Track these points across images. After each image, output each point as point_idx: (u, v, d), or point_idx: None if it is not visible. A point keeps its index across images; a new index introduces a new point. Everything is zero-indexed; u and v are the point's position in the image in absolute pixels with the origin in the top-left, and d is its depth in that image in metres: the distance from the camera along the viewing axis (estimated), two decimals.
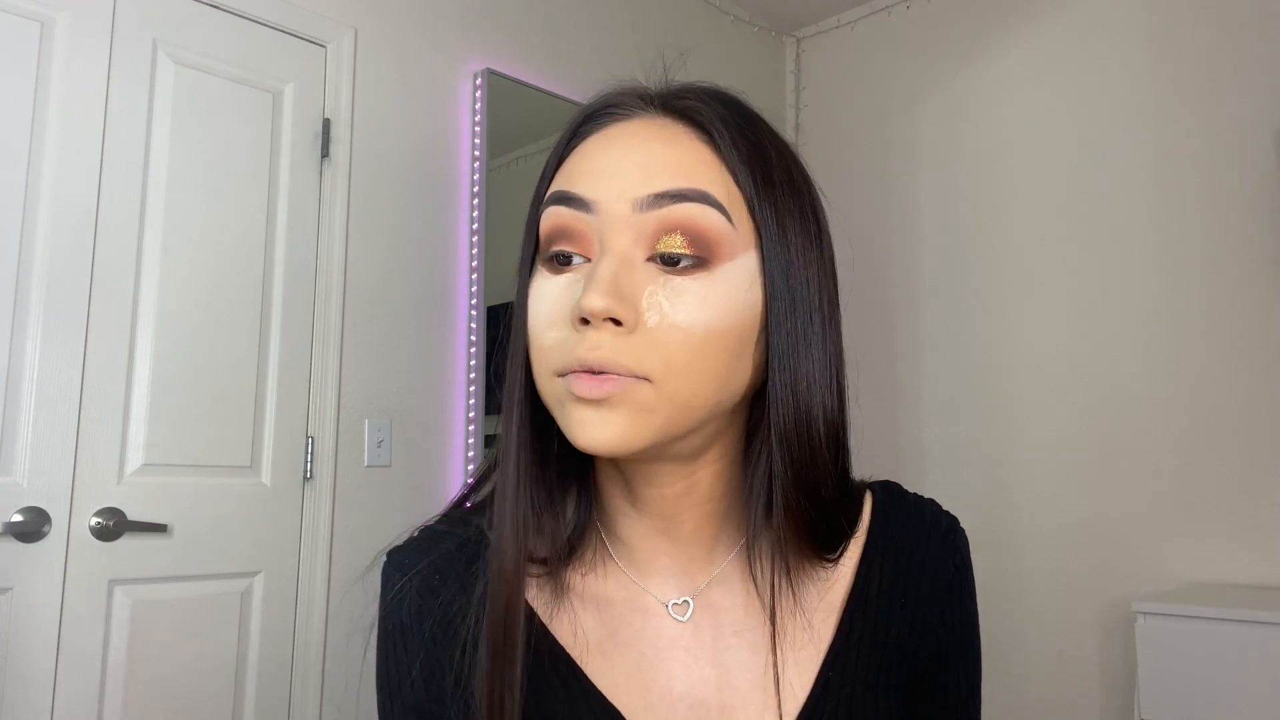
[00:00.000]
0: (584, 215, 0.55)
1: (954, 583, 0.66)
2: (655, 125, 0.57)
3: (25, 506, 1.77)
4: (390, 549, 0.65)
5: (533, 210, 0.60)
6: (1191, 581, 2.38)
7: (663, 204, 0.54)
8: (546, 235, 0.57)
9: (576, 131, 0.60)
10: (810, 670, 0.60)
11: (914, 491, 0.69)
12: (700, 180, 0.55)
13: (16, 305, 1.79)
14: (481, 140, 2.47)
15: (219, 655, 1.99)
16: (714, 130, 0.56)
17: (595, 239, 0.55)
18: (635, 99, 0.59)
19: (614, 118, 0.59)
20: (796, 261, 0.56)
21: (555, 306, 0.56)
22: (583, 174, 0.57)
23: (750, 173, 0.56)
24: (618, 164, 0.56)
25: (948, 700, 0.65)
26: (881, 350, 3.05)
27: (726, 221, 0.54)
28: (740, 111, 0.59)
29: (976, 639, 0.68)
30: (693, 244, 0.54)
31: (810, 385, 0.56)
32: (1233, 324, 2.39)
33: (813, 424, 0.56)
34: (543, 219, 0.58)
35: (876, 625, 0.62)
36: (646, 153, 0.56)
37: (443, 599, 0.61)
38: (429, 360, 2.37)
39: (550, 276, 0.57)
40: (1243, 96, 2.42)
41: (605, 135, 0.58)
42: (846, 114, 3.26)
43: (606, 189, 0.55)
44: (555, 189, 0.58)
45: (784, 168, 0.58)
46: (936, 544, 0.66)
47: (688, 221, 0.54)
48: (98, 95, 1.92)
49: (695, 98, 0.58)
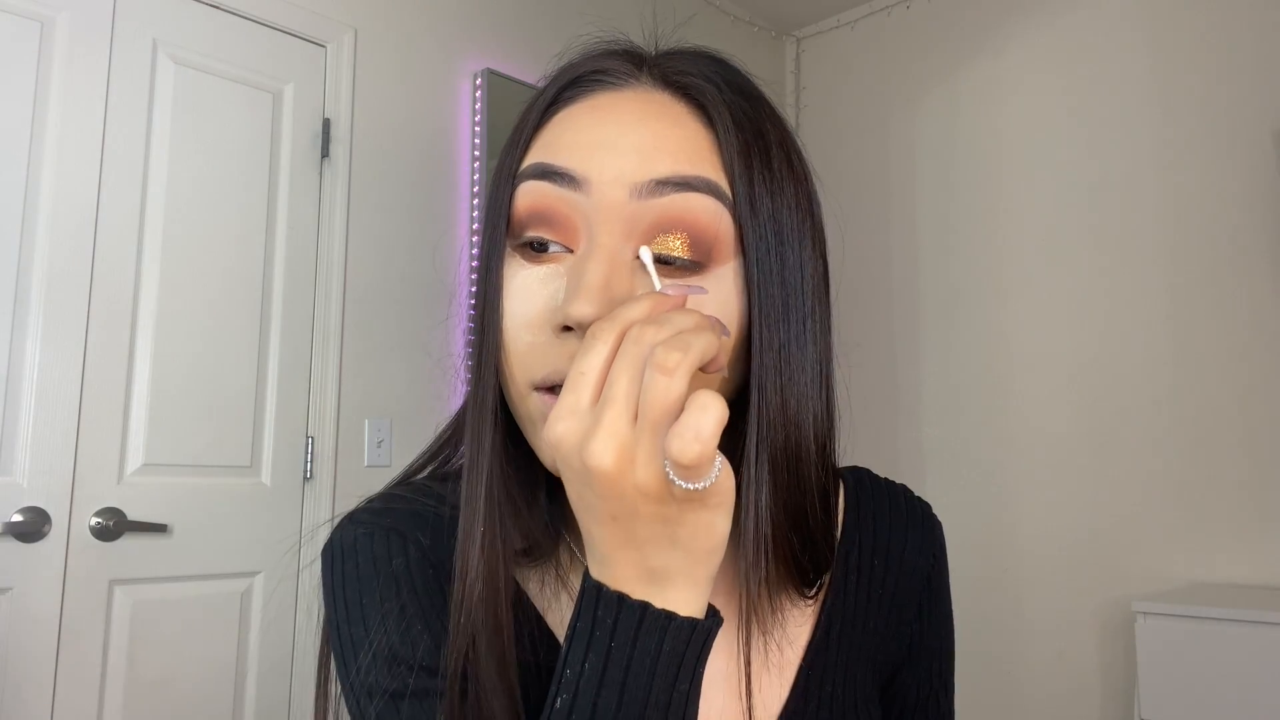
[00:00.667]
0: (571, 195, 0.50)
1: (932, 574, 0.65)
2: (654, 101, 0.52)
3: (25, 506, 1.77)
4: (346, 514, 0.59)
5: (499, 183, 0.53)
6: (1191, 581, 2.38)
7: (664, 192, 0.49)
8: (522, 215, 0.51)
9: (559, 96, 0.53)
10: (789, 669, 0.58)
11: (885, 477, 0.67)
12: (706, 168, 0.50)
13: (16, 305, 1.80)
14: (481, 140, 2.47)
15: (219, 655, 1.99)
16: (716, 114, 0.51)
17: (581, 226, 0.50)
18: (628, 65, 0.53)
19: (604, 85, 0.53)
20: (791, 263, 0.51)
21: (531, 305, 0.50)
22: (569, 146, 0.50)
23: (747, 166, 0.51)
24: (614, 140, 0.50)
25: (920, 694, 0.64)
26: (881, 350, 3.05)
27: (729, 218, 0.50)
28: (745, 92, 0.54)
29: (951, 631, 0.67)
30: (693, 248, 0.49)
31: (801, 401, 0.51)
32: (1232, 323, 2.39)
33: (803, 444, 0.51)
34: (518, 195, 0.51)
35: (855, 619, 0.60)
36: (646, 132, 0.50)
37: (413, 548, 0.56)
38: (429, 360, 2.37)
39: (525, 266, 0.51)
40: (1243, 96, 2.42)
41: (594, 105, 0.52)
42: (846, 114, 3.26)
43: (600, 167, 0.49)
44: (535, 161, 0.51)
45: (783, 157, 0.53)
46: (915, 534, 0.65)
47: (689, 218, 0.49)
48: (98, 95, 1.92)
49: (698, 73, 0.53)
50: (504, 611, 0.50)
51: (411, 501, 0.58)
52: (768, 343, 0.50)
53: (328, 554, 0.57)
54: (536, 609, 0.56)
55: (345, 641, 0.54)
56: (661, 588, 0.44)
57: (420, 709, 0.51)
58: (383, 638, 0.53)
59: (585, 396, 0.43)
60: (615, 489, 0.42)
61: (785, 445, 0.50)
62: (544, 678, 0.53)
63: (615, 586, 0.44)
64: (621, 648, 0.44)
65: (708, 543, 0.44)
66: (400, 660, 0.52)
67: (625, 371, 0.42)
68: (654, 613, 0.44)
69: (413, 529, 0.56)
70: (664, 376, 0.40)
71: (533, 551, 0.54)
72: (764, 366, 0.50)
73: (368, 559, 0.55)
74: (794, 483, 0.51)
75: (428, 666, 0.52)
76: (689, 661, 0.45)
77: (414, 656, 0.52)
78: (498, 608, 0.50)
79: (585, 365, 0.43)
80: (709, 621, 0.46)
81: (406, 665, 0.52)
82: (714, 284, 0.50)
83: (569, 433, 0.42)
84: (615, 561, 0.44)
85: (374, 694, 0.52)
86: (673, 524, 0.43)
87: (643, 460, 0.41)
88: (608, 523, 0.43)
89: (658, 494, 0.42)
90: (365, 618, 0.54)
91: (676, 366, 0.40)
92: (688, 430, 0.40)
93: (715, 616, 0.46)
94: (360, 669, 0.53)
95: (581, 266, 0.48)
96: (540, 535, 0.54)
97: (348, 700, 0.55)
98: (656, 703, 0.44)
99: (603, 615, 0.44)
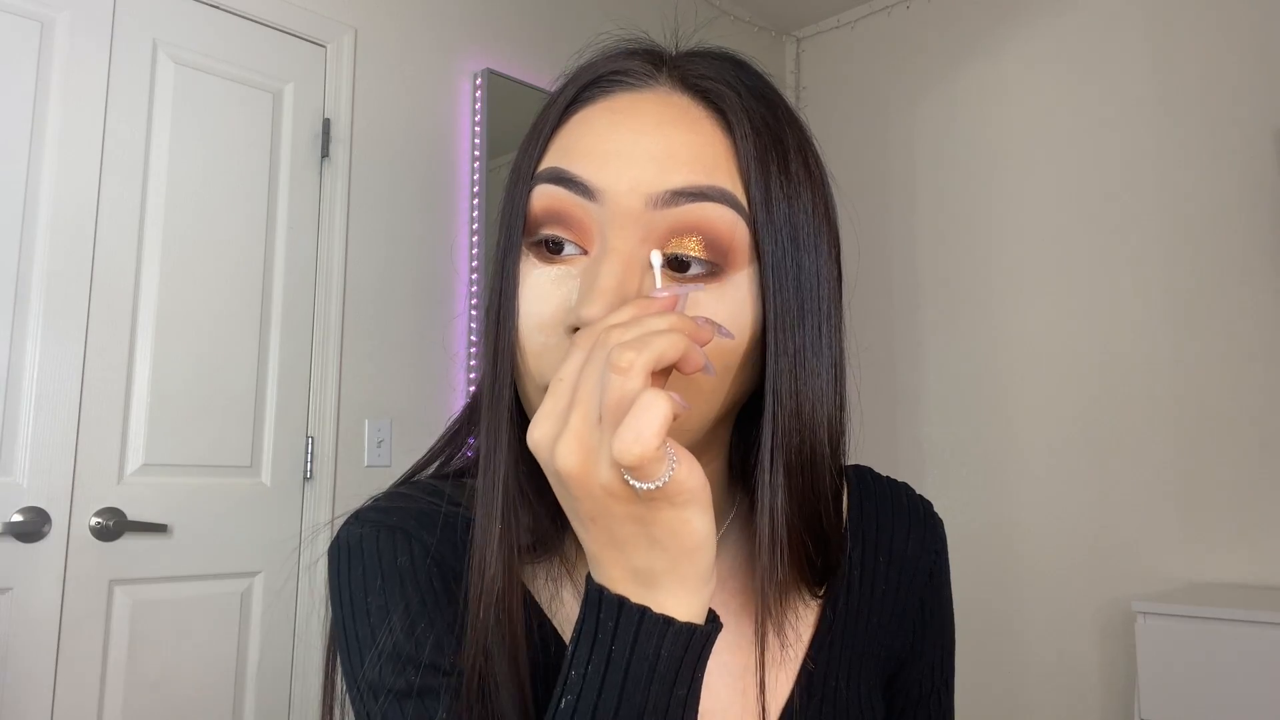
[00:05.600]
0: (585, 203, 0.50)
1: (934, 571, 0.65)
2: (672, 104, 0.51)
3: (25, 506, 1.77)
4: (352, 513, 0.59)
5: (516, 181, 0.53)
6: (1191, 581, 2.38)
7: (680, 202, 0.49)
8: (537, 215, 0.51)
9: (578, 96, 0.53)
10: (793, 666, 0.58)
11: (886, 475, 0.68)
12: (722, 177, 0.50)
13: (16, 305, 1.79)
14: (481, 140, 2.47)
15: (219, 655, 1.99)
16: (735, 120, 0.51)
17: (596, 231, 0.50)
18: (647, 66, 0.53)
19: (622, 86, 0.53)
20: (807, 269, 0.51)
21: (545, 306, 0.50)
22: (586, 153, 0.50)
23: (764, 172, 0.50)
24: (630, 149, 0.50)
25: (922, 690, 0.64)
26: (881, 350, 3.05)
27: (744, 225, 0.49)
28: (764, 96, 0.53)
29: (952, 628, 0.67)
30: (709, 249, 0.49)
31: (815, 405, 0.51)
32: (1232, 323, 2.39)
33: (817, 448, 0.51)
34: (534, 197, 0.51)
35: (858, 616, 0.61)
36: (663, 140, 0.50)
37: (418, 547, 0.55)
38: (429, 360, 2.37)
39: (539, 265, 0.51)
40: (1243, 96, 2.42)
41: (611, 108, 0.52)
42: (846, 114, 3.26)
43: (615, 177, 0.49)
44: (551, 165, 0.51)
45: (801, 162, 0.52)
46: (917, 531, 0.65)
47: (705, 224, 0.49)
48: (98, 95, 1.92)
49: (718, 77, 0.52)
50: (517, 608, 0.51)
51: (417, 500, 0.58)
52: (783, 348, 0.50)
53: (334, 552, 0.57)
54: (540, 605, 0.56)
55: (351, 640, 0.54)
56: (651, 589, 0.44)
57: (425, 707, 0.51)
58: (388, 636, 0.52)
59: (561, 402, 0.43)
60: (584, 489, 0.42)
61: (800, 449, 0.51)
62: (549, 675, 0.54)
63: (611, 587, 0.45)
64: (622, 651, 0.44)
65: (687, 541, 0.44)
66: (406, 659, 0.52)
67: (592, 375, 0.42)
68: (652, 617, 0.44)
69: (418, 527, 0.56)
70: (618, 376, 0.41)
71: (539, 547, 0.54)
72: (779, 371, 0.50)
73: (373, 557, 0.55)
74: (808, 485, 0.51)
75: (433, 664, 0.52)
76: (687, 666, 0.45)
77: (419, 655, 0.52)
78: (513, 604, 0.51)
79: (564, 371, 0.44)
80: (708, 627, 0.46)
81: (412, 664, 0.52)
82: (729, 289, 0.50)
83: (544, 436, 0.43)
84: (604, 561, 0.45)
85: (379, 693, 0.52)
86: (647, 523, 0.43)
87: (606, 460, 0.42)
88: (589, 524, 0.44)
89: (623, 494, 0.42)
90: (371, 616, 0.54)
91: (630, 366, 0.41)
92: (628, 431, 0.40)
93: (715, 622, 0.46)
94: (365, 667, 0.53)
95: (595, 269, 0.48)
96: (547, 531, 0.54)
97: (353, 699, 0.55)
98: (655, 707, 0.44)
99: (605, 618, 0.44)
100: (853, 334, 0.56)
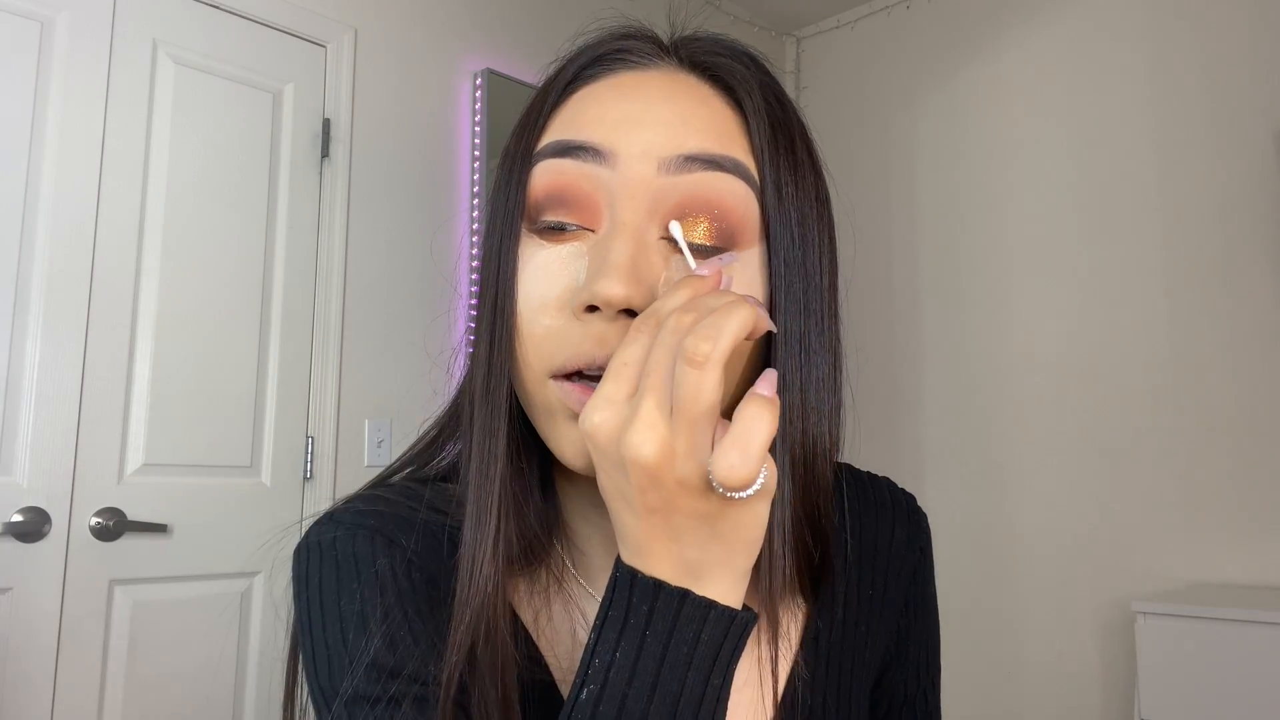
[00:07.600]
0: (594, 170, 0.47)
1: (919, 568, 0.64)
2: (680, 81, 0.50)
3: (25, 506, 1.76)
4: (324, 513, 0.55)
5: (512, 164, 0.51)
6: (1191, 581, 2.38)
7: (692, 169, 0.47)
8: (539, 197, 0.49)
9: (579, 75, 0.51)
10: (783, 666, 0.57)
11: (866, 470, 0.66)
12: (735, 149, 0.48)
13: (16, 305, 1.79)
14: (481, 140, 2.47)
15: (219, 655, 1.98)
16: (746, 96, 0.49)
17: (604, 203, 0.48)
18: (653, 45, 0.51)
19: (627, 65, 0.51)
20: (812, 254, 0.50)
21: (551, 287, 0.48)
22: (594, 121, 0.48)
23: (775, 151, 0.49)
24: (641, 114, 0.48)
25: (908, 691, 0.64)
26: (881, 350, 3.05)
27: (755, 203, 0.48)
28: (770, 81, 0.52)
29: (937, 625, 0.66)
30: (718, 233, 0.47)
31: (819, 394, 0.50)
32: (1233, 323, 2.39)
33: (819, 439, 0.50)
34: (534, 175, 0.49)
35: (845, 614, 0.60)
36: (674, 109, 0.48)
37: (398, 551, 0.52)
38: (429, 360, 2.37)
39: (544, 246, 0.49)
40: (1243, 96, 2.42)
41: (617, 83, 0.50)
42: (846, 114, 3.26)
43: (628, 140, 0.47)
44: (555, 138, 0.49)
45: (805, 148, 0.52)
46: (902, 529, 0.64)
47: (715, 199, 0.47)
48: (98, 95, 1.92)
49: (725, 54, 0.51)
50: (505, 618, 0.49)
51: (394, 504, 0.55)
52: (790, 332, 0.48)
53: (302, 553, 0.54)
54: (521, 618, 0.54)
55: (319, 645, 0.51)
56: (698, 578, 0.42)
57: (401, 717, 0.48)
58: (364, 643, 0.50)
59: (625, 388, 0.41)
60: (655, 481, 0.40)
61: (804, 439, 0.49)
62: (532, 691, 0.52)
63: (648, 574, 0.42)
64: (657, 636, 0.42)
65: (750, 533, 0.42)
66: (383, 668, 0.49)
67: (663, 361, 0.40)
68: (694, 600, 0.42)
69: (396, 532, 0.53)
70: (694, 370, 0.39)
71: (527, 556, 0.52)
72: (786, 356, 0.48)
73: (348, 560, 0.52)
74: (810, 478, 0.50)
75: (412, 674, 0.49)
76: (725, 654, 0.43)
77: (400, 664, 0.49)
78: (500, 614, 0.48)
79: (628, 355, 0.42)
80: (747, 614, 0.44)
81: (390, 672, 0.49)
82: (736, 270, 0.48)
83: (605, 422, 0.41)
84: (653, 552, 0.42)
85: (356, 701, 0.49)
86: (714, 519, 0.41)
87: (682, 455, 0.40)
88: (645, 515, 0.41)
89: (699, 489, 0.40)
90: (343, 621, 0.51)
91: (705, 359, 0.39)
92: (734, 453, 0.38)
93: (751, 611, 0.44)
94: (337, 675, 0.50)
95: (606, 245, 0.46)
96: (537, 538, 0.52)
97: (316, 707, 0.52)
98: (690, 696, 0.42)
99: (637, 602, 0.42)
100: (851, 334, 0.55)
